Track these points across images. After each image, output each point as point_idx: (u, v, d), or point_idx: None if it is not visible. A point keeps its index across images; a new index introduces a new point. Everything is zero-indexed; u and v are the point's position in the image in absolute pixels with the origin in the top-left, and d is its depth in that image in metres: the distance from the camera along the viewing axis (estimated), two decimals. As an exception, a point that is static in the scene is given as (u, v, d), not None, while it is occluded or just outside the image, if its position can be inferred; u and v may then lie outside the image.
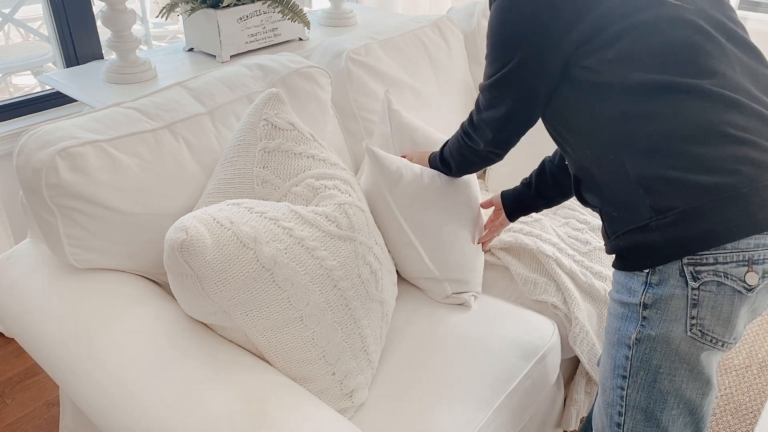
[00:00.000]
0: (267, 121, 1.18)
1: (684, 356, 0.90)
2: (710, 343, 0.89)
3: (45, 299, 1.13)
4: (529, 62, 0.97)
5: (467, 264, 1.36)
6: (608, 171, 0.94)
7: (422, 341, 1.28)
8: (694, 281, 0.86)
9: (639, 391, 0.94)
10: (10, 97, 2.30)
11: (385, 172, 1.27)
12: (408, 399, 1.15)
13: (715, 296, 0.86)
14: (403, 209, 1.28)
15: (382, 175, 1.27)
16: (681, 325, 0.88)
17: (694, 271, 0.86)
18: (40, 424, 1.70)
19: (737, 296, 0.86)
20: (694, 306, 0.87)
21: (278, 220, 1.02)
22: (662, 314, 0.89)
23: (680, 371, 0.91)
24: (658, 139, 0.88)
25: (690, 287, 0.86)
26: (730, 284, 0.85)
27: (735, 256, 0.84)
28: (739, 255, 0.84)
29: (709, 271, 0.85)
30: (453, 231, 1.33)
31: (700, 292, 0.86)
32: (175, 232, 0.92)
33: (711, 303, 0.86)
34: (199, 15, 1.85)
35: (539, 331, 1.34)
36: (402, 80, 1.73)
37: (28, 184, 1.09)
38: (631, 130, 0.90)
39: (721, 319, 0.87)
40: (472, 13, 2.03)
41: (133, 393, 0.96)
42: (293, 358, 1.04)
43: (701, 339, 0.88)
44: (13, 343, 1.97)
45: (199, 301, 0.98)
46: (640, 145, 0.90)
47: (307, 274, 1.03)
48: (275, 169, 1.16)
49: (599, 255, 1.56)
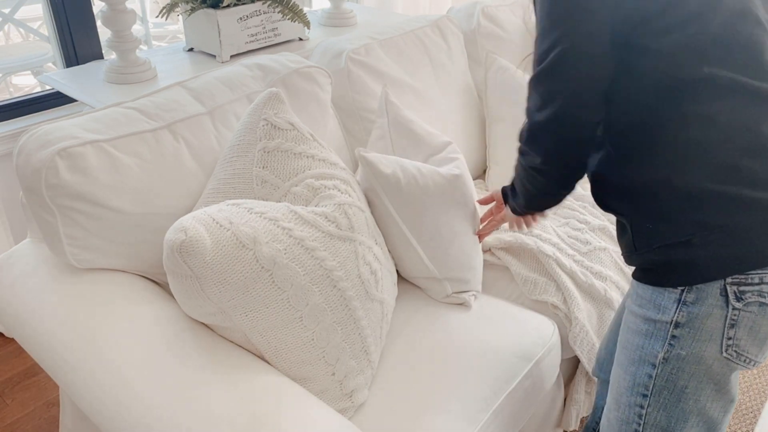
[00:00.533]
0: (267, 121, 1.18)
1: (714, 376, 0.85)
2: (743, 362, 0.85)
3: (45, 299, 1.13)
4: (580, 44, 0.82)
5: (467, 263, 1.36)
6: (650, 179, 0.85)
7: (422, 341, 1.28)
8: (738, 301, 0.81)
9: (660, 411, 0.89)
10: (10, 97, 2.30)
11: (381, 177, 1.26)
12: (408, 399, 1.15)
13: (755, 317, 0.82)
14: (401, 211, 1.28)
15: (378, 179, 1.27)
16: (716, 346, 0.83)
17: (738, 291, 0.81)
18: (40, 424, 1.70)
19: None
20: (732, 326, 0.82)
21: (278, 221, 1.02)
22: (695, 334, 0.84)
23: (706, 391, 0.86)
24: (715, 147, 0.80)
25: (731, 307, 0.82)
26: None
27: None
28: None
29: (753, 291, 0.81)
30: (451, 231, 1.33)
31: (741, 312, 0.82)
32: (175, 232, 0.92)
33: (750, 323, 0.82)
34: (199, 15, 1.85)
35: (539, 331, 1.34)
36: (402, 80, 1.73)
37: (28, 184, 1.09)
38: (688, 135, 0.81)
39: (757, 340, 0.83)
40: (472, 13, 2.03)
41: (133, 393, 0.96)
42: (293, 359, 1.04)
43: (735, 359, 0.84)
44: (13, 343, 1.97)
45: (198, 302, 0.98)
46: (693, 152, 0.81)
47: (306, 274, 1.03)
48: (275, 169, 1.16)
49: (599, 255, 1.56)
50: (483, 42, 1.99)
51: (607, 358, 1.29)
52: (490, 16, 2.02)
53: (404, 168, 1.29)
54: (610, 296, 1.48)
